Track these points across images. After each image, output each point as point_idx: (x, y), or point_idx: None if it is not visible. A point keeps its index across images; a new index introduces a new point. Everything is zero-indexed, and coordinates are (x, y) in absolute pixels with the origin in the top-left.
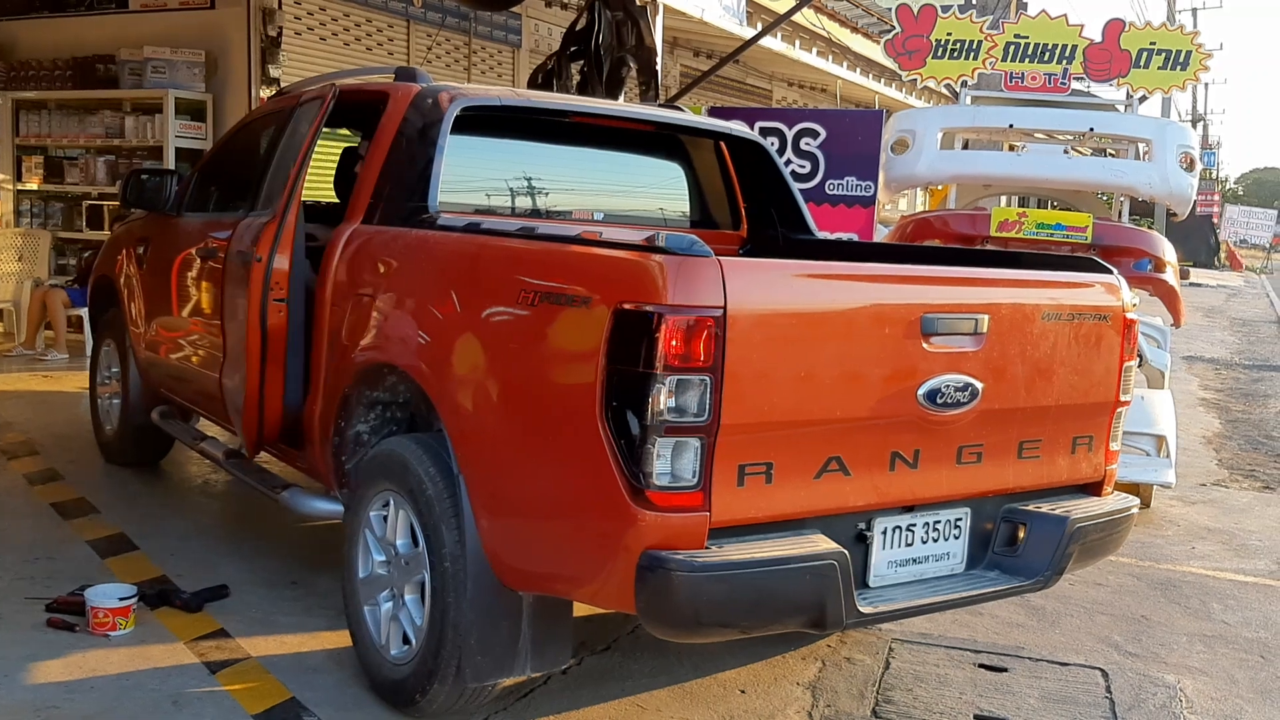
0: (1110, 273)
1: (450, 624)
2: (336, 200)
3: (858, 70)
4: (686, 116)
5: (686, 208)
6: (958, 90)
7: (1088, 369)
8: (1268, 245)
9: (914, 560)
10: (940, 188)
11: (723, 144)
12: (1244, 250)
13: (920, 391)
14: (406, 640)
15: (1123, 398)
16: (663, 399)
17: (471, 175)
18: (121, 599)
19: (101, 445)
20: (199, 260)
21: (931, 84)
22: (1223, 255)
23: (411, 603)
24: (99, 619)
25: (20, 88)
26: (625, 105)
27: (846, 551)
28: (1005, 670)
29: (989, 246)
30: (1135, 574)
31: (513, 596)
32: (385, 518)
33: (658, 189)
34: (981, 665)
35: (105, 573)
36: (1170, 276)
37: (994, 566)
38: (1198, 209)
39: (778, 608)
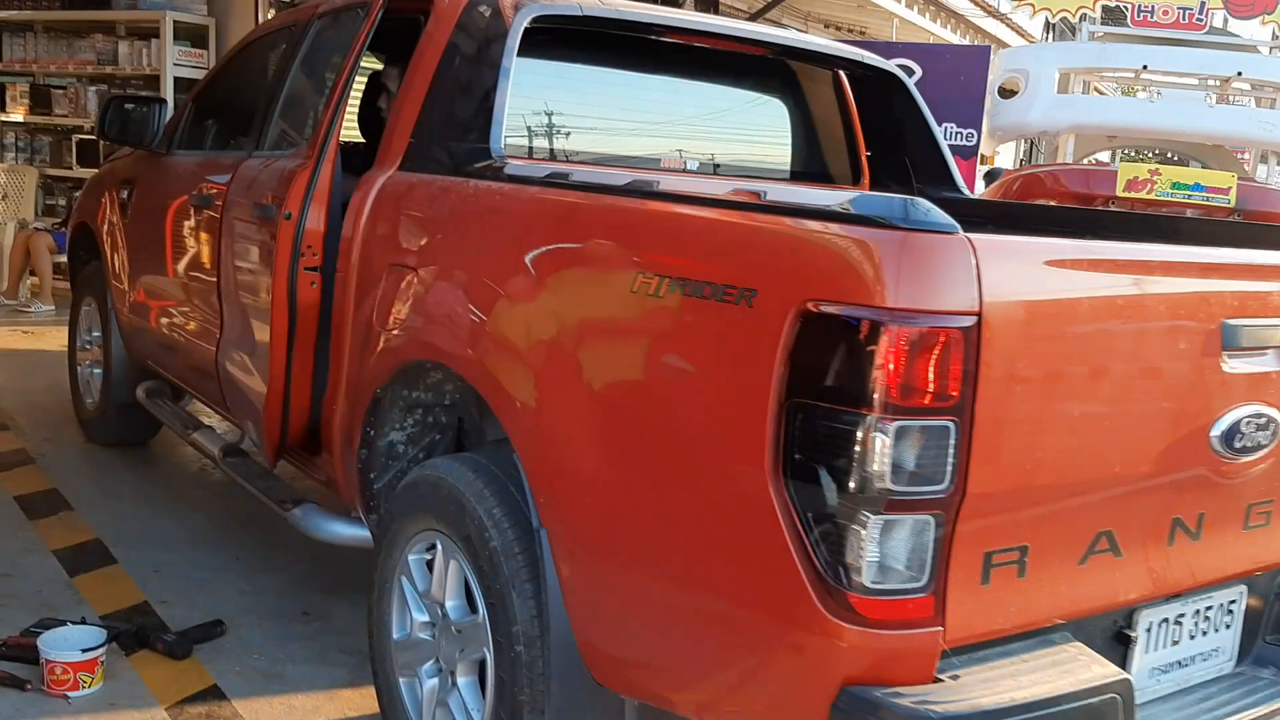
0: None
1: None
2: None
3: (915, 9)
4: (810, 39)
5: (790, 154)
6: (1075, 25)
7: None
8: None
9: (1179, 663)
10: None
11: (841, 76)
12: None
13: (1214, 431)
14: None
15: None
16: (879, 455)
17: (538, 108)
18: (86, 650)
19: (82, 421)
20: (192, 210)
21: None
22: None
23: (466, 687)
24: (56, 676)
25: (4, 6)
26: (734, 21)
27: (1129, 677)
28: None
29: (1112, 208)
30: None
31: (612, 700)
32: (429, 564)
33: (757, 130)
34: None
35: (73, 596)
36: None
37: (1267, 662)
38: None
39: None
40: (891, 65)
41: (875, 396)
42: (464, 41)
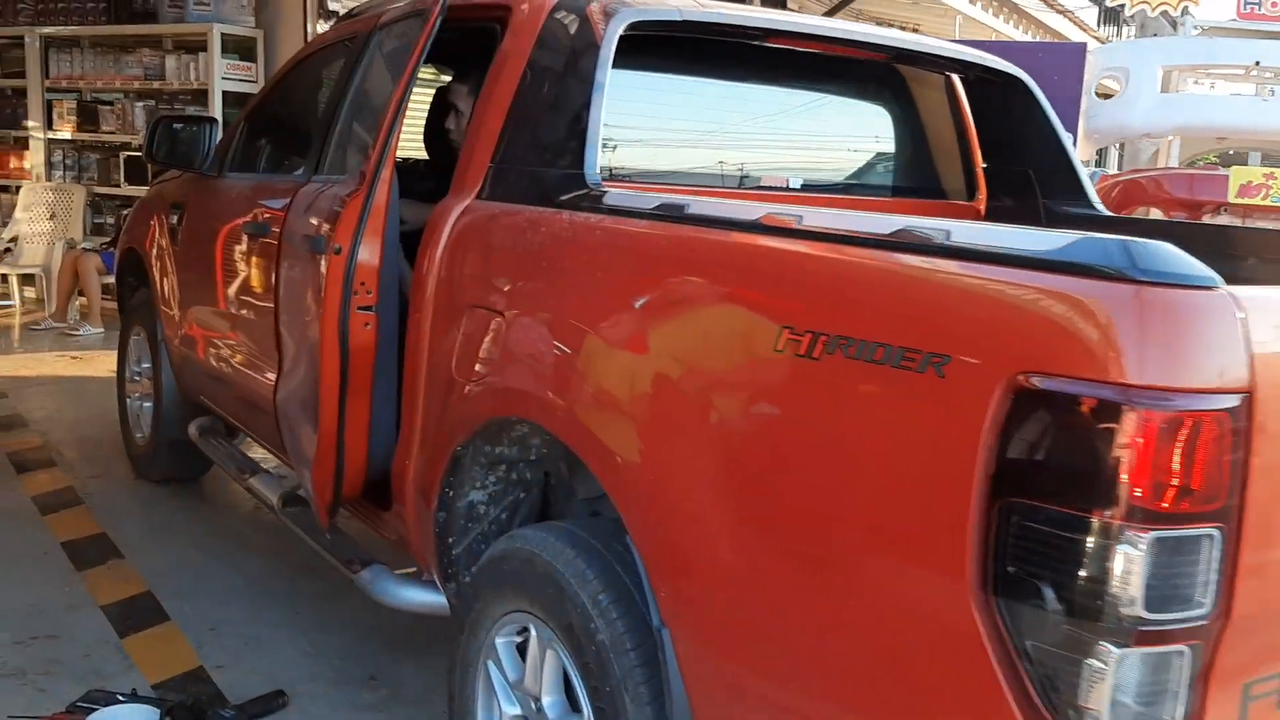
0: None
1: None
2: (421, 162)
3: (978, 4)
4: (926, 40)
5: (896, 167)
6: (1176, 19)
7: None
8: None
9: None
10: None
11: (954, 79)
12: None
13: None
14: None
15: None
16: (1126, 574)
17: (632, 126)
18: None
19: (132, 457)
20: (246, 238)
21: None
22: None
23: None
24: None
25: (50, 22)
26: (843, 23)
27: None
28: None
29: (1224, 216)
30: None
31: None
32: (522, 649)
33: (860, 141)
34: None
35: (123, 662)
36: None
37: None
38: None
39: None
40: (1014, 68)
41: (1120, 498)
42: (548, 54)
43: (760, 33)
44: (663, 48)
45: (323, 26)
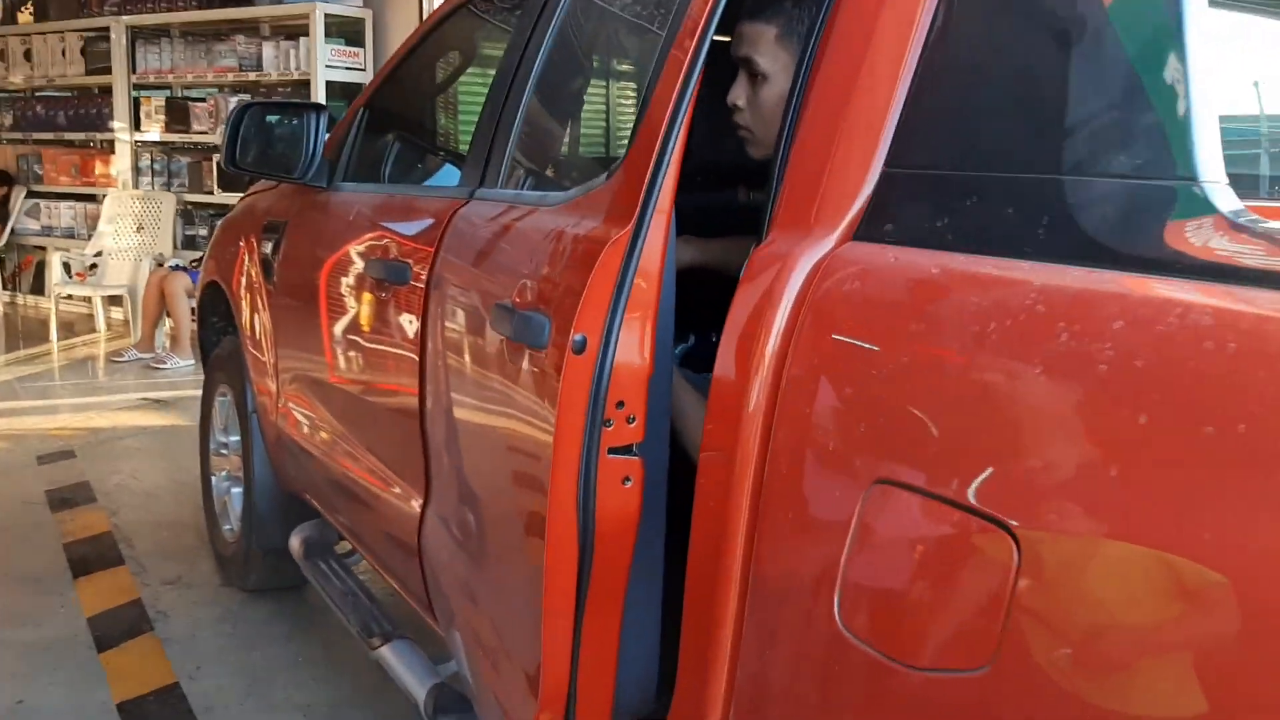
0: None
1: None
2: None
3: None
4: None
5: None
6: None
7: None
8: None
9: None
10: None
11: None
12: None
13: None
14: None
15: None
16: None
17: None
18: None
19: (219, 556)
20: (370, 282)
21: None
22: None
23: None
24: None
25: (137, 10)
26: None
27: None
28: None
29: None
30: None
31: None
32: None
33: None
34: None
35: None
36: None
37: None
38: None
39: None
40: None
41: None
42: None
43: None
44: None
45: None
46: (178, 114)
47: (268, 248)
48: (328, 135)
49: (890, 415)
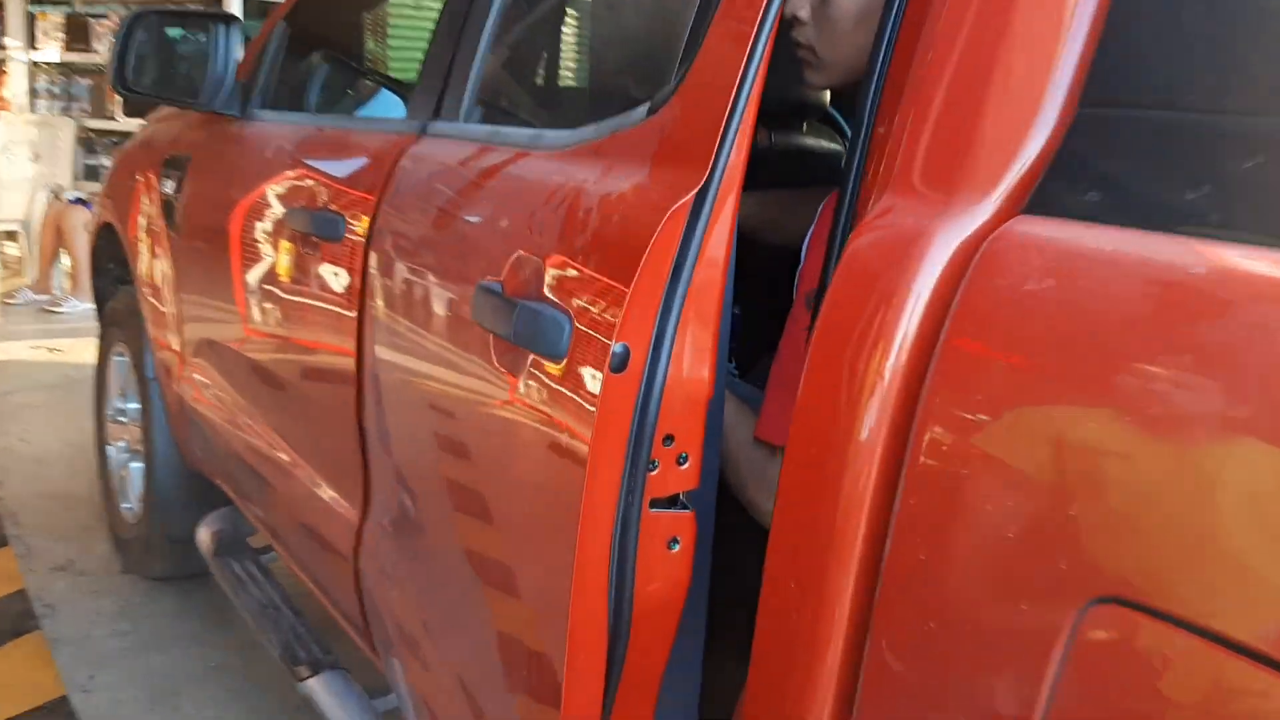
0: None
1: None
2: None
3: None
4: None
5: None
6: None
7: None
8: None
9: None
10: None
11: None
12: None
13: None
14: None
15: None
16: None
17: None
18: None
19: (116, 539)
20: (292, 237)
21: None
22: None
23: None
24: None
25: None
26: None
27: None
28: None
29: None
30: None
31: None
32: None
33: None
34: None
35: None
36: None
37: None
38: None
39: None
40: None
41: None
42: None
43: None
44: None
45: None
46: (77, 31)
47: (169, 187)
48: (242, 53)
49: (1118, 497)
